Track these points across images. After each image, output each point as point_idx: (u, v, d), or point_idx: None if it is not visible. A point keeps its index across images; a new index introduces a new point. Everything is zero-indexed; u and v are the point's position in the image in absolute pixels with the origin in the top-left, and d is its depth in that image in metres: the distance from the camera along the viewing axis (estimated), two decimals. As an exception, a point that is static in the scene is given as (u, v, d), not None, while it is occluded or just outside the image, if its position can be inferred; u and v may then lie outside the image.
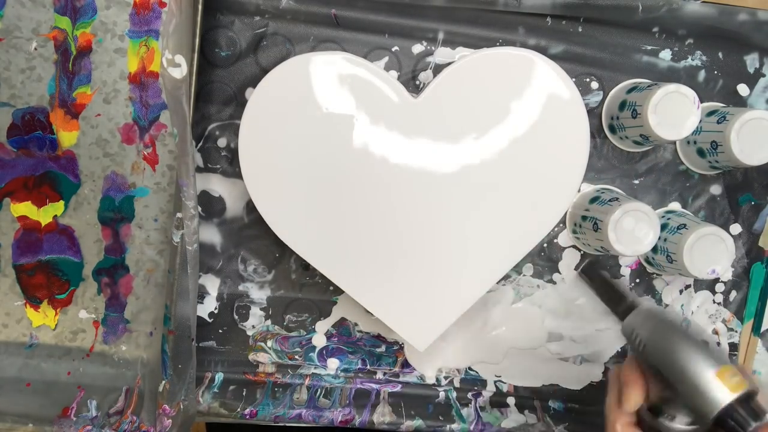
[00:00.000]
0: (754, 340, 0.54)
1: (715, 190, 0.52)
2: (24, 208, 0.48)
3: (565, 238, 0.52)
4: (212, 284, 0.52)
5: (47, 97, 0.47)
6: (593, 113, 0.51)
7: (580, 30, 0.50)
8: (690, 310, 0.54)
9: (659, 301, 0.54)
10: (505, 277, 0.53)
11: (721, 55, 0.51)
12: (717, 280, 0.54)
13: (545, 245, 0.52)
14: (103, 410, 0.49)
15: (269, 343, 0.53)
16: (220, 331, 0.52)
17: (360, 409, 0.52)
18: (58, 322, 0.50)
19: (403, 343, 0.54)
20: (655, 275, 0.53)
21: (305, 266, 0.52)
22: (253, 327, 0.53)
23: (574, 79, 0.48)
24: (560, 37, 0.50)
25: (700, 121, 0.48)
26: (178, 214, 0.44)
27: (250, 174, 0.44)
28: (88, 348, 0.50)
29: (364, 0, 0.48)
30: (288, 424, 0.51)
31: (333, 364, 0.53)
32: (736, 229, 0.53)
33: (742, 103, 0.52)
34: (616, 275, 0.53)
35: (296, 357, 0.53)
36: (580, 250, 0.52)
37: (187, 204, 0.44)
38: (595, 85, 0.51)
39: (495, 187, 0.45)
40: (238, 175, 0.49)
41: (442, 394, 0.54)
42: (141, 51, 0.47)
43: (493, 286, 0.52)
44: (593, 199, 0.49)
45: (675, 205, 0.52)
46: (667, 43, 0.51)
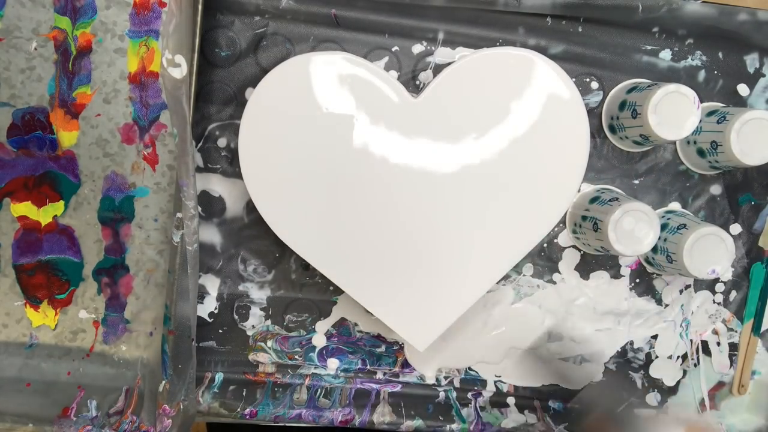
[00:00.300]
0: (754, 340, 0.55)
1: (715, 190, 0.52)
2: (24, 208, 0.48)
3: (565, 238, 0.52)
4: (212, 284, 0.52)
5: (47, 97, 0.47)
6: (593, 113, 0.51)
7: (580, 30, 0.50)
8: (690, 310, 0.54)
9: (659, 301, 0.54)
10: (505, 277, 0.53)
11: (721, 55, 0.51)
12: (717, 280, 0.54)
13: (545, 245, 0.52)
14: (103, 410, 0.49)
15: (269, 343, 0.53)
16: (220, 331, 0.52)
17: (360, 409, 0.52)
18: (58, 322, 0.50)
19: (403, 343, 0.54)
20: (655, 275, 0.53)
21: (305, 266, 0.52)
22: (253, 327, 0.53)
23: (574, 79, 0.48)
24: (560, 37, 0.50)
25: (700, 121, 0.48)
26: (178, 214, 0.44)
27: (250, 174, 0.44)
28: (88, 348, 0.50)
29: (364, 0, 0.48)
30: (288, 424, 0.51)
31: (333, 364, 0.53)
32: (736, 229, 0.53)
33: (742, 103, 0.52)
34: (617, 275, 0.53)
35: (296, 357, 0.53)
36: (580, 250, 0.53)
37: (187, 204, 0.44)
38: (595, 85, 0.51)
39: (495, 187, 0.45)
40: (238, 175, 0.49)
41: (442, 394, 0.54)
42: (141, 51, 0.47)
43: (493, 286, 0.52)
44: (593, 199, 0.49)
45: (675, 205, 0.52)
46: (667, 43, 0.51)
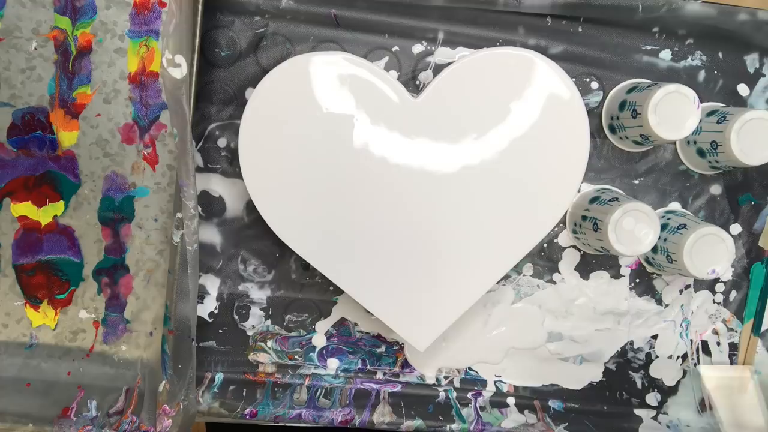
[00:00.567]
0: (754, 340, 0.54)
1: (715, 190, 0.52)
2: (24, 208, 0.48)
3: (565, 238, 0.52)
4: (212, 284, 0.52)
5: (47, 97, 0.47)
6: (593, 113, 0.51)
7: (580, 30, 0.50)
8: (690, 310, 0.54)
9: (659, 301, 0.54)
10: (505, 277, 0.53)
11: (721, 55, 0.51)
12: (717, 280, 0.54)
13: (545, 245, 0.52)
14: (103, 410, 0.49)
15: (269, 343, 0.53)
16: (220, 331, 0.52)
17: (360, 409, 0.52)
18: (58, 322, 0.50)
19: (403, 343, 0.54)
20: (655, 275, 0.53)
21: (305, 266, 0.52)
22: (253, 327, 0.53)
23: (574, 79, 0.48)
24: (560, 37, 0.50)
25: (700, 121, 0.48)
26: (178, 214, 0.44)
27: (250, 174, 0.44)
28: (88, 348, 0.50)
29: (364, 0, 0.48)
30: (288, 424, 0.51)
31: (333, 364, 0.53)
32: (736, 229, 0.53)
33: (742, 103, 0.52)
34: (617, 275, 0.53)
35: (296, 357, 0.53)
36: (580, 250, 0.52)
37: (187, 204, 0.44)
38: (595, 85, 0.51)
39: (495, 187, 0.45)
40: (238, 175, 0.49)
41: (442, 394, 0.54)
42: (141, 51, 0.47)
43: (493, 286, 0.52)
44: (593, 199, 0.49)
45: (675, 205, 0.52)
46: (667, 43, 0.51)
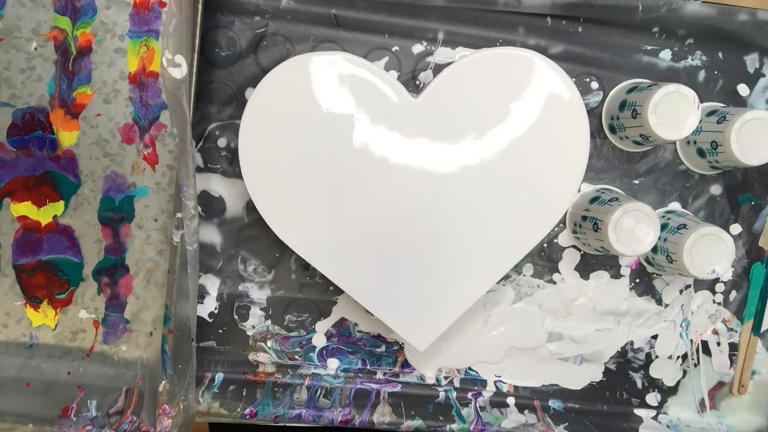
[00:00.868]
0: (754, 340, 0.54)
1: (715, 190, 0.52)
2: (24, 208, 0.48)
3: (565, 238, 0.52)
4: (212, 284, 0.52)
5: (47, 97, 0.47)
6: (593, 113, 0.51)
7: (580, 30, 0.50)
8: (690, 310, 0.54)
9: (659, 301, 0.54)
10: (505, 277, 0.53)
11: (721, 55, 0.51)
12: (717, 280, 0.54)
13: (545, 245, 0.52)
14: (103, 410, 0.49)
15: (269, 343, 0.53)
16: (220, 331, 0.52)
17: (360, 409, 0.52)
18: (58, 322, 0.50)
19: (403, 343, 0.54)
20: (655, 275, 0.53)
21: (305, 266, 0.52)
22: (253, 327, 0.53)
23: (574, 79, 0.48)
24: (560, 37, 0.50)
25: (700, 121, 0.48)
26: (178, 214, 0.44)
27: (250, 174, 0.44)
28: (88, 348, 0.50)
29: (364, 0, 0.48)
30: (288, 424, 0.51)
31: (333, 364, 0.53)
32: (736, 229, 0.53)
33: (742, 103, 0.52)
34: (617, 275, 0.53)
35: (296, 357, 0.53)
36: (580, 250, 0.52)
37: (187, 204, 0.44)
38: (595, 85, 0.51)
39: (495, 187, 0.45)
40: (238, 175, 0.49)
41: (442, 394, 0.54)
42: (141, 51, 0.47)
43: (493, 286, 0.52)
44: (593, 199, 0.49)
45: (675, 205, 0.52)
46: (667, 43, 0.51)
